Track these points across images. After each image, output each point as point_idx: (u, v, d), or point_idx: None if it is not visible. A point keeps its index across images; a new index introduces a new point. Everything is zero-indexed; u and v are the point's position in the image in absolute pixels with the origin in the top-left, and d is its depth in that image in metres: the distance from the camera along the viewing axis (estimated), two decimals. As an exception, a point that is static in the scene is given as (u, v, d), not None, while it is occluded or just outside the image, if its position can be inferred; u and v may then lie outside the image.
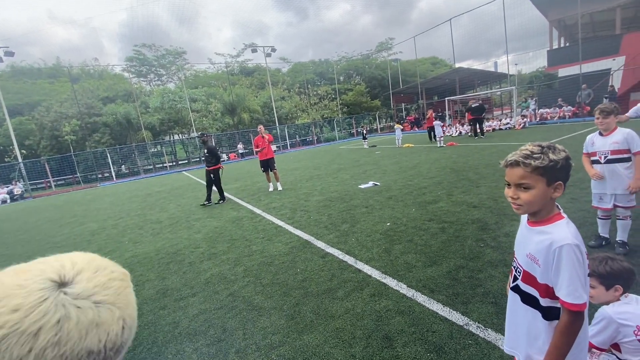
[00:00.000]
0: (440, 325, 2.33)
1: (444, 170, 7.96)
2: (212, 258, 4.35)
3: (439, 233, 4.03)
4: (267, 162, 8.62)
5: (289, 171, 12.37)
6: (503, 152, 9.55)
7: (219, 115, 30.31)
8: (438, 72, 37.70)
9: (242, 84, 36.36)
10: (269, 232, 5.09)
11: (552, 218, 1.12)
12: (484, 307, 2.46)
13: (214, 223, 6.19)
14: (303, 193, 7.71)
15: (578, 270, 1.03)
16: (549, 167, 1.06)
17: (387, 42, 44.16)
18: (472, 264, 3.14)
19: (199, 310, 3.07)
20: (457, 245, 3.62)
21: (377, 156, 13.40)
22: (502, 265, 3.03)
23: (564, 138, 10.89)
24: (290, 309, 2.84)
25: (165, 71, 38.47)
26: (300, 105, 36.98)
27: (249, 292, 3.26)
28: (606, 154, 3.00)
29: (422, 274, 3.09)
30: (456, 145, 13.32)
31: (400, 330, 2.35)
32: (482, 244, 3.54)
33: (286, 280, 3.39)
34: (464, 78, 27.38)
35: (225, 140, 29.02)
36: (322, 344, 2.33)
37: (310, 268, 3.59)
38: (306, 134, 32.66)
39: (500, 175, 6.61)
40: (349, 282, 3.15)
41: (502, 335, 2.15)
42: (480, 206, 4.83)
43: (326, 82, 40.80)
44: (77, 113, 24.48)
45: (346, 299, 2.85)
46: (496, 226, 3.98)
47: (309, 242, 4.39)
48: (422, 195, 5.90)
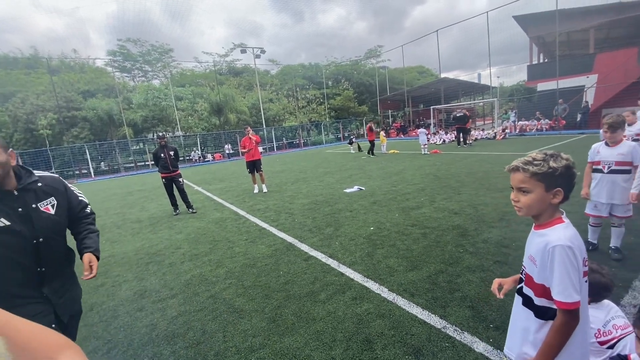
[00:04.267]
0: (419, 329, 2.39)
1: (427, 177, 8.14)
2: (194, 259, 4.28)
3: (420, 238, 4.12)
4: (254, 164, 8.56)
5: (275, 173, 12.33)
6: (484, 161, 9.86)
7: (206, 114, 29.88)
8: (424, 81, 38.56)
9: (230, 84, 36.04)
10: (253, 234, 5.06)
11: (552, 222, 1.17)
12: (461, 311, 2.53)
13: (196, 224, 6.09)
14: (288, 196, 7.70)
15: (570, 270, 1.07)
16: (547, 173, 1.12)
17: (375, 49, 44.87)
18: (451, 269, 3.22)
19: (178, 312, 3.01)
20: (438, 250, 3.71)
21: (363, 161, 13.54)
22: (479, 270, 3.12)
23: (541, 149, 11.32)
24: (271, 311, 2.83)
25: (151, 67, 37.64)
26: (288, 108, 36.95)
27: (230, 294, 3.23)
28: (610, 164, 3.10)
29: (403, 278, 3.14)
30: (440, 153, 13.63)
31: (381, 333, 2.38)
32: (462, 250, 3.64)
33: (268, 282, 3.37)
34: (449, 88, 28.15)
35: (210, 140, 28.60)
36: (303, 346, 2.33)
37: (293, 271, 3.59)
38: (293, 137, 32.64)
39: (481, 183, 6.82)
40: (331, 285, 3.17)
41: (478, 338, 2.22)
42: (461, 213, 4.96)
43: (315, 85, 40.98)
44: (55, 106, 23.58)
45: (328, 302, 2.86)
46: (475, 233, 4.10)
47: (293, 245, 4.39)
48: (405, 201, 6.01)
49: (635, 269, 2.88)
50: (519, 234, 3.91)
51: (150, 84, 32.74)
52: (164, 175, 7.07)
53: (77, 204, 1.81)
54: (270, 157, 22.82)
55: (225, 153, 26.59)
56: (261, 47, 28.72)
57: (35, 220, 1.54)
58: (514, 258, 3.29)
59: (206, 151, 27.56)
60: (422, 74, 48.52)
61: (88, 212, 1.88)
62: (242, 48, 29.70)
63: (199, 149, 26.35)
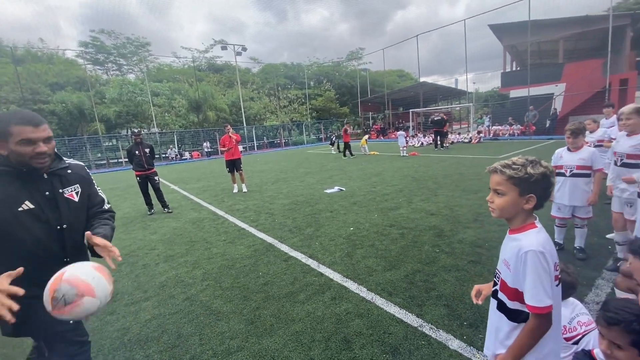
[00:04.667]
0: (397, 327, 2.43)
1: (405, 179, 8.31)
2: (169, 260, 4.16)
3: (398, 238, 4.20)
4: (234, 163, 8.42)
5: (255, 173, 12.19)
6: (460, 164, 10.19)
7: (183, 111, 29.08)
8: (404, 84, 39.36)
9: (210, 81, 35.23)
10: (232, 235, 4.97)
11: (525, 227, 1.19)
12: (437, 310, 2.60)
13: (172, 224, 5.91)
14: (268, 196, 7.63)
15: (541, 275, 1.10)
16: (522, 178, 1.14)
17: (357, 52, 45.33)
18: (427, 269, 3.30)
19: (152, 315, 2.91)
20: (415, 250, 3.80)
21: (344, 162, 13.64)
22: (454, 270, 3.22)
23: (512, 153, 11.85)
24: (250, 313, 2.79)
25: (126, 61, 36.16)
26: (269, 107, 36.63)
27: (207, 296, 3.16)
28: (572, 168, 3.28)
29: (381, 278, 3.19)
30: (418, 155, 13.96)
31: (359, 332, 2.41)
32: (438, 250, 3.74)
33: (247, 283, 3.33)
34: (428, 92, 28.89)
35: (188, 138, 27.88)
36: (282, 348, 2.32)
37: (272, 271, 3.56)
38: (274, 136, 32.40)
39: (456, 185, 7.04)
40: (310, 285, 3.17)
41: (452, 335, 2.29)
42: (438, 214, 5.10)
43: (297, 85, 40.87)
44: (20, 98, 22.17)
45: (307, 303, 2.86)
46: (451, 233, 4.23)
47: (273, 246, 4.35)
48: (384, 202, 6.10)
49: (597, 268, 3.07)
50: (492, 234, 4.07)
51: (125, 78, 31.48)
52: (139, 173, 6.82)
53: (95, 196, 1.72)
54: (250, 156, 22.53)
55: (204, 151, 25.98)
56: (242, 45, 28.39)
57: (61, 206, 1.51)
58: (487, 258, 3.42)
59: (183, 149, 26.82)
60: (402, 78, 49.50)
61: (106, 208, 1.76)
62: (222, 45, 29.12)
63: (176, 147, 25.62)
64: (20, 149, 1.36)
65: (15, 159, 1.38)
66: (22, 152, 1.37)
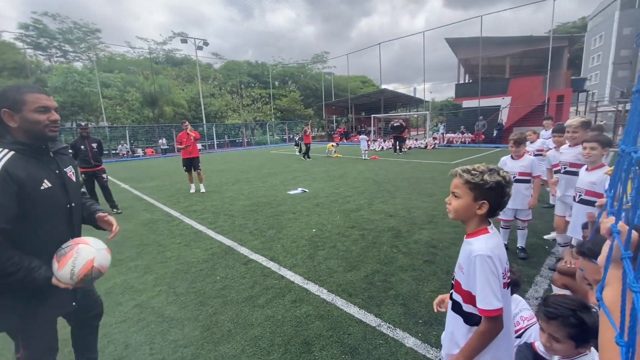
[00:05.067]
0: (356, 328, 2.47)
1: (367, 181, 8.53)
2: (117, 265, 3.84)
3: (359, 239, 4.29)
4: (191, 161, 8.04)
5: (215, 172, 11.76)
6: (416, 168, 10.70)
7: (137, 105, 27.24)
8: (366, 90, 40.54)
9: (167, 75, 33.48)
10: (187, 237, 4.73)
11: (478, 232, 1.24)
12: (394, 309, 2.68)
13: (121, 226, 5.45)
14: (228, 197, 7.40)
15: (490, 278, 1.14)
16: (478, 184, 1.18)
17: (322, 55, 45.84)
18: (386, 269, 3.41)
19: (95, 325, 2.66)
20: (374, 251, 3.90)
21: (308, 163, 13.67)
22: (411, 269, 3.36)
23: (464, 160, 12.71)
24: (206, 319, 2.67)
25: (73, 48, 32.99)
26: (231, 105, 35.63)
27: (159, 302, 2.96)
28: (515, 175, 3.55)
29: (342, 279, 3.23)
30: (379, 159, 14.42)
31: (319, 334, 2.40)
32: (395, 250, 3.88)
33: (204, 288, 3.18)
34: (388, 99, 30.01)
35: (142, 134, 26.09)
36: (239, 353, 2.24)
37: (231, 275, 3.44)
38: (236, 135, 31.50)
39: (413, 188, 7.37)
40: (271, 288, 3.12)
41: (408, 333, 2.37)
42: (396, 215, 5.29)
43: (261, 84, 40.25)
44: (-63, 81, 19.28)
45: (267, 306, 2.80)
46: (408, 234, 4.41)
47: (232, 249, 4.21)
48: (346, 204, 6.21)
49: (536, 266, 3.37)
50: (445, 235, 4.31)
51: (70, 66, 28.69)
52: (84, 169, 6.25)
53: (78, 178, 1.73)
54: (210, 155, 21.71)
55: (159, 148, 24.50)
56: (204, 39, 27.21)
57: (68, 185, 1.54)
58: (441, 258, 3.62)
59: (136, 145, 25.07)
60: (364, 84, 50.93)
61: (83, 190, 1.84)
62: (182, 37, 27.79)
63: (127, 143, 23.85)
64: (36, 117, 1.37)
65: (28, 129, 1.38)
66: (38, 120, 1.38)
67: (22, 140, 1.39)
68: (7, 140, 1.36)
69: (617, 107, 19.31)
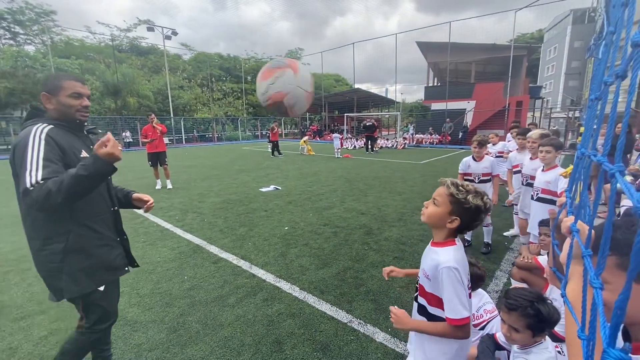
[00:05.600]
0: (327, 325, 2.48)
1: (339, 179, 8.61)
2: (73, 266, 3.58)
3: (331, 237, 4.32)
4: (157, 156, 7.67)
5: (183, 168, 11.31)
6: (387, 167, 10.96)
7: (97, 95, 25.49)
8: (340, 89, 40.86)
9: (132, 64, 31.61)
10: (153, 236, 4.52)
11: (446, 243, 1.28)
12: (365, 305, 2.73)
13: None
14: (197, 193, 7.15)
15: (457, 289, 1.19)
16: (459, 200, 1.22)
17: (296, 51, 45.56)
18: (357, 265, 3.46)
19: (49, 330, 2.47)
20: (346, 248, 3.94)
21: (281, 161, 13.54)
22: (381, 265, 3.43)
23: (432, 159, 13.21)
24: (172, 320, 2.56)
25: (24, 30, 30.15)
26: (201, 99, 34.41)
27: (122, 304, 2.80)
28: (479, 176, 3.79)
29: (314, 276, 3.23)
30: (351, 157, 14.60)
31: (291, 332, 2.39)
32: (367, 247, 3.95)
33: (170, 289, 3.05)
34: (361, 98, 30.43)
35: (103, 126, 24.43)
36: (208, 355, 2.17)
37: (199, 275, 3.33)
38: (206, 130, 30.48)
39: (384, 187, 7.54)
40: (242, 287, 3.05)
41: (378, 328, 2.43)
42: (367, 213, 5.39)
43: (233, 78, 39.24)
44: None
45: (237, 306, 2.74)
46: (378, 231, 4.51)
47: (200, 247, 4.08)
48: (319, 201, 6.22)
49: (496, 261, 3.58)
50: (413, 232, 4.45)
51: (21, 50, 26.28)
52: None
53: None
54: (177, 149, 20.85)
55: (122, 142, 23.11)
56: (173, 29, 26.00)
57: None
58: (409, 254, 3.73)
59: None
60: (338, 82, 51.30)
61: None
62: (149, 25, 26.39)
63: (86, 135, 22.24)
64: (70, 101, 1.57)
65: (61, 112, 1.57)
66: (71, 104, 1.57)
67: (57, 119, 1.58)
68: (44, 119, 1.56)
69: (567, 114, 20.97)
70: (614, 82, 0.60)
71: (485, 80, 24.15)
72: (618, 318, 0.39)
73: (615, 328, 0.40)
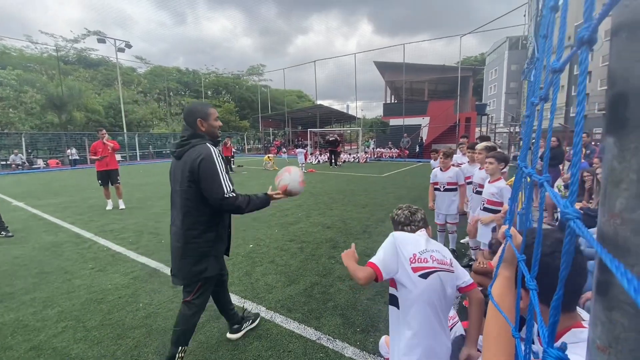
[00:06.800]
0: (296, 344, 2.42)
1: (304, 194, 8.60)
2: (6, 300, 3.16)
3: (298, 253, 4.27)
4: (108, 174, 7.14)
5: (138, 187, 10.62)
6: (350, 181, 11.19)
7: (38, 109, 23.38)
8: (302, 105, 41.42)
9: (80, 76, 29.62)
10: (102, 261, 4.14)
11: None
12: (333, 320, 2.71)
13: (13, 251, 4.55)
14: (154, 213, 6.73)
15: (384, 246, 1.60)
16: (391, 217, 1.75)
17: (258, 67, 45.63)
18: (324, 280, 3.44)
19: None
20: (313, 263, 3.92)
21: (244, 177, 13.25)
22: (348, 279, 3.45)
23: (392, 173, 13.74)
24: (126, 353, 2.34)
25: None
26: (158, 113, 32.95)
27: (64, 340, 2.51)
28: (444, 185, 4.05)
29: (281, 294, 3.15)
30: (315, 172, 14.72)
31: (257, 355, 2.29)
32: (333, 261, 3.96)
33: (123, 319, 2.80)
34: (324, 114, 31.10)
35: (44, 142, 22.33)
36: (167, 389, 2.00)
37: (157, 301, 3.10)
38: (163, 146, 29.06)
39: (348, 200, 7.67)
40: (204, 311, 2.88)
41: (347, 343, 2.41)
42: (333, 227, 5.43)
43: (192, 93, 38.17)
44: None
45: (199, 331, 2.58)
46: (344, 244, 4.55)
47: (158, 271, 3.81)
48: (284, 217, 6.15)
49: (453, 267, 3.75)
50: (378, 244, 4.50)
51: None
52: None
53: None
54: (131, 167, 19.59)
55: (67, 159, 21.21)
56: (127, 41, 24.85)
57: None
58: (375, 266, 3.79)
59: (35, 155, 21.35)
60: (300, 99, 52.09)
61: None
62: (100, 37, 25.01)
63: (23, 152, 20.14)
64: (215, 124, 2.09)
65: (209, 132, 2.07)
66: (216, 126, 2.09)
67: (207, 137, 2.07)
68: (205, 139, 2.03)
69: (509, 129, 23.10)
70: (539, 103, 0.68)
71: (437, 98, 25.96)
72: (554, 318, 0.43)
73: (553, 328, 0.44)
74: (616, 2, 0.34)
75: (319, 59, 27.55)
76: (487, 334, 0.82)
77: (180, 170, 1.96)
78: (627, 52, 0.33)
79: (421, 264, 1.40)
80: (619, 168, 0.33)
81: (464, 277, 1.52)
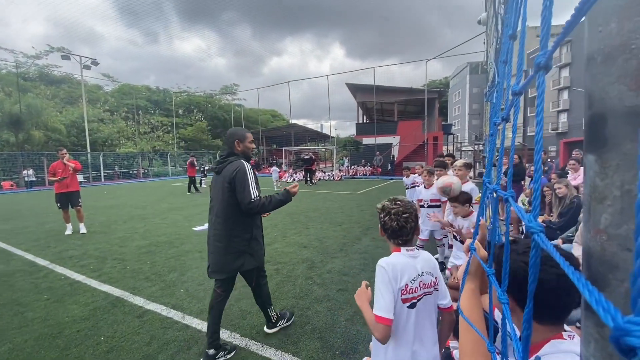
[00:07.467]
0: (273, 372, 2.31)
1: (280, 213, 8.48)
2: (-61, 342, 2.78)
3: (274, 274, 4.15)
4: (68, 197, 6.68)
5: (101, 209, 10.00)
6: (326, 199, 11.22)
7: (-10, 127, 21.74)
8: (277, 124, 41.63)
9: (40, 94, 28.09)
10: (59, 291, 3.80)
11: (393, 250, 1.49)
12: (311, 344, 2.63)
13: (-49, 285, 4.06)
14: (118, 237, 6.33)
15: (379, 287, 1.35)
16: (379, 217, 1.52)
17: (232, 87, 45.59)
18: (301, 303, 3.36)
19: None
20: (290, 285, 3.82)
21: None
22: (325, 300, 3.39)
23: (367, 190, 13.96)
24: (83, 395, 2.11)
25: None
26: (125, 132, 31.70)
27: (10, 385, 2.23)
28: (428, 201, 4.17)
29: (256, 320, 3.03)
30: (290, 190, 14.61)
31: (232, 387, 2.16)
32: (310, 282, 3.88)
33: (82, 354, 2.55)
34: (298, 133, 31.44)
35: (-3, 163, 20.61)
36: None
37: (120, 333, 2.86)
38: (130, 166, 27.79)
39: (325, 218, 7.66)
40: (173, 342, 2.70)
41: (326, 367, 2.33)
42: (309, 246, 5.36)
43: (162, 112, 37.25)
44: None
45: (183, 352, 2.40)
46: (321, 264, 4.49)
47: (122, 299, 3.55)
48: (259, 238, 6.00)
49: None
50: (355, 262, 4.54)
51: None
52: None
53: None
54: (94, 188, 18.49)
55: (24, 181, 19.65)
56: (93, 58, 24.05)
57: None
58: (352, 285, 3.77)
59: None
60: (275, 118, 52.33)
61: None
62: (64, 53, 24.05)
63: (-29, 174, 18.46)
64: (250, 145, 2.55)
65: (244, 152, 2.52)
66: (251, 147, 2.56)
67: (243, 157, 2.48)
68: (239, 156, 2.46)
69: (474, 147, 24.46)
70: (501, 122, 0.73)
71: (406, 119, 27.12)
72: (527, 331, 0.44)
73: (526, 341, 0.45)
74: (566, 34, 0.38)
75: (293, 80, 28.09)
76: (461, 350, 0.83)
77: (220, 183, 2.37)
78: (602, 75, 0.34)
79: (411, 294, 1.40)
80: (601, 185, 0.34)
81: (444, 298, 1.52)
